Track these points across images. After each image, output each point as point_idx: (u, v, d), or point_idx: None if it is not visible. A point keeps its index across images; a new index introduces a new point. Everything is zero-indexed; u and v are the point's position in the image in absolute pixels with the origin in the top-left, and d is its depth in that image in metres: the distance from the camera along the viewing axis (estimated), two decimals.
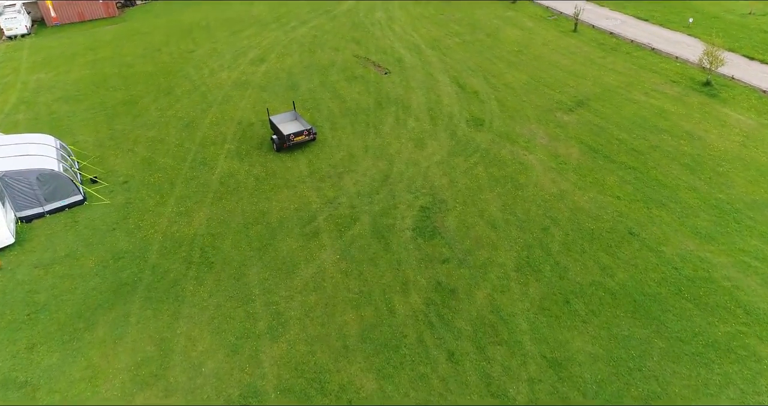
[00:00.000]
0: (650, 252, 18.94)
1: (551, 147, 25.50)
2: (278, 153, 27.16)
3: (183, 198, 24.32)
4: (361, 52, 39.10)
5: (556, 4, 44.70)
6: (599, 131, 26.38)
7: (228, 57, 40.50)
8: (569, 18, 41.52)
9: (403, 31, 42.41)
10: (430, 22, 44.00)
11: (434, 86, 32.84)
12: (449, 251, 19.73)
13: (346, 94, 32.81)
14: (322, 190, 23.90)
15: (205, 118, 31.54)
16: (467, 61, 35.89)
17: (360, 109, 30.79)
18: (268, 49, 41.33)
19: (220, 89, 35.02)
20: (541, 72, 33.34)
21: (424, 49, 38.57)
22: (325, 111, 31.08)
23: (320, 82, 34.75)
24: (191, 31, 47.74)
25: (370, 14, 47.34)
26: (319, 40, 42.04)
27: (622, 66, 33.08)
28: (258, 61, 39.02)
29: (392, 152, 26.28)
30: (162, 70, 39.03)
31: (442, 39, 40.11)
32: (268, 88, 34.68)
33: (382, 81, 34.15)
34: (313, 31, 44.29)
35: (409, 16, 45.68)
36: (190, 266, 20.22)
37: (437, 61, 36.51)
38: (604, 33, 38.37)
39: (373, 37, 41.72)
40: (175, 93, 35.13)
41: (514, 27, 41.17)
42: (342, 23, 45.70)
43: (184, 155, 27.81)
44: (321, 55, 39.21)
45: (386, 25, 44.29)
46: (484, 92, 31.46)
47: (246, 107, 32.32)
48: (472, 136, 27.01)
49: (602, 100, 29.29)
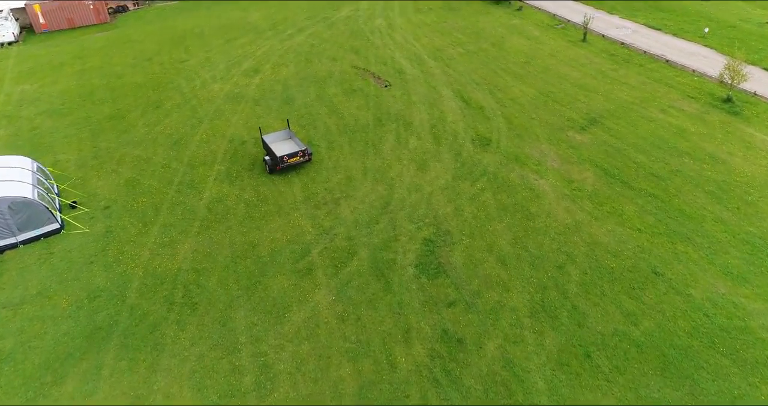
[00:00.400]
0: (677, 296, 17.18)
1: (564, 171, 23.74)
2: (271, 175, 25.41)
3: (167, 227, 22.56)
4: (360, 62, 37.36)
5: (564, 12, 42.96)
6: (615, 153, 24.61)
7: (221, 67, 38.76)
8: (578, 27, 39.78)
9: (404, 40, 40.67)
10: (432, 30, 42.27)
11: (437, 101, 31.09)
12: (456, 292, 17.97)
13: (344, 109, 31.06)
14: (317, 219, 22.14)
15: (194, 135, 29.79)
16: (471, 73, 34.13)
17: (359, 126, 29.04)
18: (263, 58, 39.58)
19: (211, 103, 33.27)
20: (549, 85, 31.58)
21: (426, 60, 36.83)
22: (321, 128, 29.32)
23: (317, 96, 33.01)
24: (184, 38, 46.01)
25: (369, 22, 45.61)
26: (317, 50, 40.30)
27: (635, 79, 31.31)
28: (252, 72, 37.27)
29: (393, 175, 24.52)
30: (152, 82, 37.28)
31: (444, 49, 38.37)
32: (262, 101, 32.93)
33: (382, 95, 32.41)
34: (311, 40, 42.55)
35: (411, 24, 43.95)
36: (171, 308, 18.46)
37: (440, 72, 34.75)
38: (614, 43, 36.61)
39: (373, 47, 39.98)
40: (164, 107, 33.38)
41: (520, 36, 39.42)
42: (340, 31, 43.96)
43: (171, 177, 26.06)
44: (318, 65, 37.46)
45: (386, 33, 42.56)
46: (490, 108, 29.70)
47: (238, 123, 30.58)
48: (479, 157, 25.25)
49: (616, 117, 27.52)
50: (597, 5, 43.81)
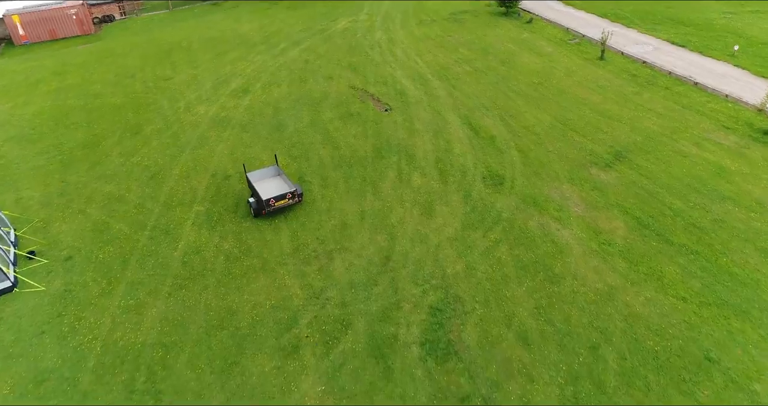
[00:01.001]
0: (739, 392, 14.22)
1: (589, 218, 20.77)
2: (256, 219, 22.46)
3: (135, 285, 19.60)
4: (359, 82, 34.41)
5: (578, 25, 39.99)
6: (647, 197, 21.63)
7: (208, 86, 35.82)
8: (594, 42, 36.82)
9: (406, 57, 37.72)
10: (436, 45, 39.31)
11: (443, 128, 28.14)
12: (469, 381, 15.00)
13: (340, 137, 28.11)
14: (306, 278, 19.17)
15: (174, 167, 26.84)
16: (480, 96, 31.17)
17: (356, 159, 26.08)
18: (254, 76, 36.64)
19: (195, 128, 30.33)
20: (566, 111, 28.62)
21: (430, 80, 33.86)
22: (314, 160, 26.37)
23: (310, 121, 30.06)
24: (171, 53, 43.09)
25: (369, 35, 42.67)
26: (311, 67, 37.35)
27: (662, 105, 28.33)
28: (241, 93, 34.32)
29: (394, 222, 21.56)
30: (132, 103, 34.34)
31: (450, 67, 35.40)
32: (251, 127, 29.98)
33: (382, 120, 29.46)
34: (305, 55, 39.60)
35: (413, 38, 40.99)
36: (130, 397, 15.50)
37: (445, 94, 31.79)
38: (635, 62, 33.63)
39: (372, 64, 37.02)
40: (143, 133, 30.44)
41: (531, 53, 36.45)
42: (337, 46, 41.02)
43: (144, 220, 23.10)
44: (313, 85, 34.51)
45: (387, 48, 39.61)
46: (502, 138, 26.74)
47: (223, 153, 27.63)
48: (491, 199, 22.28)
49: (645, 152, 24.55)
50: (613, 18, 40.85)
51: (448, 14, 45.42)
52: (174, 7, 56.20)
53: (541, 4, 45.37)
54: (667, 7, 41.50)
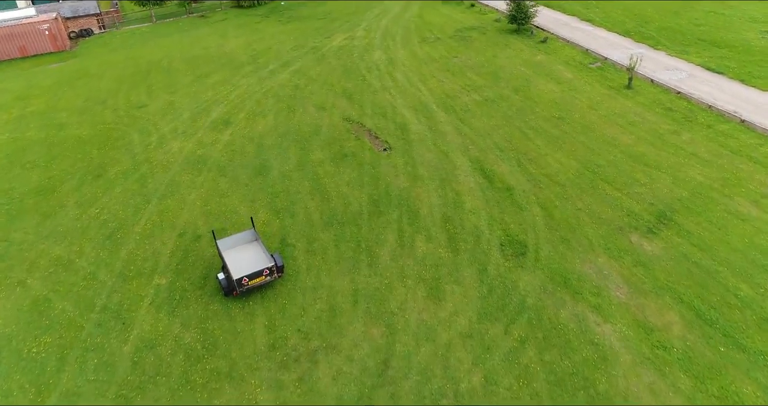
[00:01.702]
0: None
1: (636, 307, 16.82)
2: (227, 299, 18.55)
3: (69, 396, 15.66)
4: (354, 112, 30.47)
5: (598, 46, 36.03)
6: (704, 277, 17.68)
7: (185, 116, 31.89)
8: (618, 67, 32.85)
9: (408, 82, 33.76)
10: (440, 68, 35.35)
11: (451, 175, 24.20)
12: None
13: (332, 185, 24.18)
14: (283, 391, 15.22)
15: (137, 222, 22.92)
16: (492, 133, 27.22)
17: (349, 215, 22.14)
18: (237, 104, 32.70)
19: (166, 171, 26.41)
20: (594, 155, 24.67)
21: (435, 111, 29.92)
22: (301, 215, 22.44)
23: (298, 163, 26.13)
24: (149, 74, 39.17)
25: (366, 55, 38.72)
26: (302, 93, 33.41)
27: (706, 149, 24.38)
28: (222, 125, 30.39)
29: (393, 307, 17.61)
30: (99, 136, 30.43)
31: (457, 95, 31.44)
32: (230, 170, 26.05)
33: (380, 163, 25.53)
34: (296, 79, 35.65)
35: (415, 60, 37.03)
36: None
37: (452, 130, 27.85)
38: (668, 91, 29.65)
39: (370, 90, 33.07)
40: (107, 175, 26.53)
41: (548, 78, 32.48)
42: (332, 67, 37.07)
43: (94, 297, 19.17)
44: (302, 116, 30.57)
45: (386, 71, 35.66)
46: (521, 189, 22.80)
47: (195, 204, 23.69)
48: (512, 277, 18.34)
49: (693, 212, 20.59)
50: (637, 37, 36.87)
51: (454, 31, 41.46)
52: (158, 20, 52.31)
53: (555, 20, 41.45)
54: (696, 25, 37.55)
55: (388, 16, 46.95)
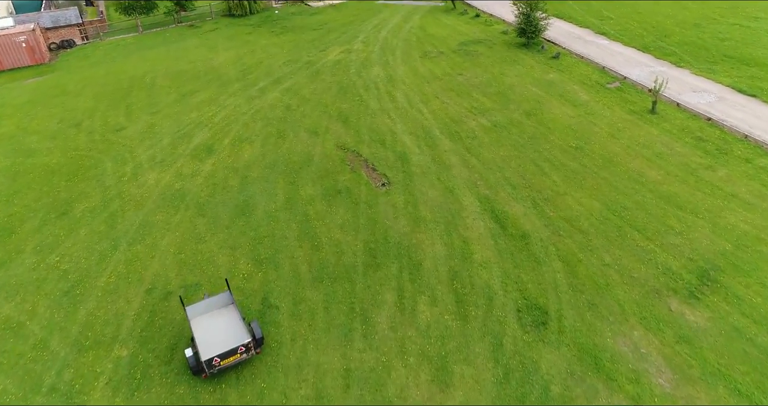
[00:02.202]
0: None
1: (683, 400, 13.99)
2: (195, 379, 15.76)
3: None
4: (350, 139, 27.68)
5: (616, 63, 33.20)
6: (763, 360, 14.85)
7: (165, 142, 29.11)
8: (639, 87, 30.02)
9: (408, 103, 30.95)
10: (444, 87, 32.51)
11: (457, 217, 21.39)
12: None
13: (323, 228, 21.38)
14: None
15: (101, 273, 20.14)
16: (503, 165, 24.41)
17: (342, 268, 19.35)
18: (223, 128, 29.92)
19: (139, 208, 23.63)
20: (619, 194, 21.85)
21: (439, 138, 27.11)
22: (286, 268, 19.65)
23: (286, 200, 23.34)
24: (130, 91, 36.38)
25: (364, 71, 35.90)
26: (293, 115, 30.60)
27: (747, 188, 21.54)
28: (204, 152, 27.62)
29: (392, 395, 14.79)
30: (70, 165, 27.67)
31: (463, 119, 28.62)
32: (209, 208, 23.27)
33: (378, 201, 22.74)
34: (287, 98, 32.85)
35: (416, 77, 34.21)
36: None
37: (458, 161, 25.04)
38: (697, 117, 26.81)
39: (367, 112, 30.27)
40: (73, 213, 23.77)
41: (562, 100, 29.65)
42: (326, 85, 34.26)
43: (42, 373, 16.39)
44: (293, 143, 27.78)
45: (385, 90, 32.84)
46: (538, 237, 19.99)
47: (168, 251, 20.91)
48: (532, 355, 15.52)
49: (740, 270, 17.75)
50: (657, 53, 34.01)
51: (458, 45, 38.63)
52: (145, 30, 49.52)
53: (567, 33, 38.63)
54: (721, 40, 34.69)
55: (388, 27, 44.16)
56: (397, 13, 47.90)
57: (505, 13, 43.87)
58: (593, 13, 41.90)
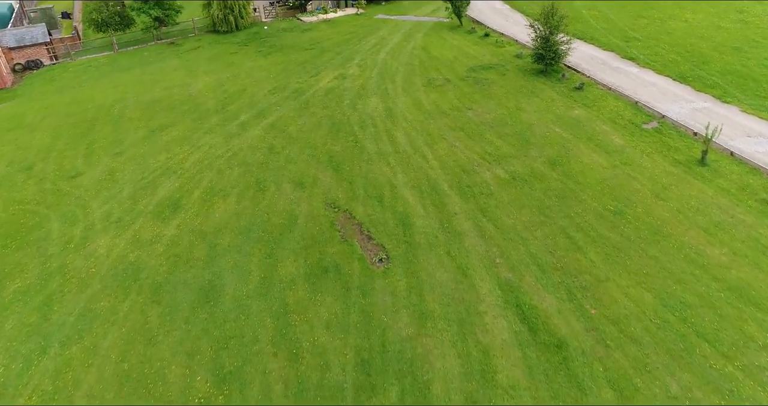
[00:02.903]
0: None
1: None
2: None
3: None
4: (341, 193, 23.31)
5: (649, 96, 28.78)
6: None
7: (125, 193, 24.75)
8: (681, 129, 25.62)
9: (411, 145, 26.56)
10: (452, 125, 28.11)
11: (473, 313, 17.00)
12: None
13: (304, 327, 17.00)
14: None
15: (19, 393, 15.76)
16: (527, 236, 20.00)
17: (326, 391, 14.97)
18: (194, 176, 25.56)
19: (82, 289, 19.29)
20: (676, 282, 17.44)
21: (447, 194, 22.72)
22: (255, 389, 15.26)
23: (261, 282, 18.98)
24: (94, 124, 32.02)
25: (360, 102, 31.51)
26: (276, 160, 26.25)
27: None
28: (169, 209, 23.25)
29: None
30: (10, 224, 23.32)
31: (475, 169, 24.24)
32: (167, 291, 18.90)
33: (374, 286, 18.36)
34: (271, 137, 28.48)
35: (420, 111, 29.80)
36: None
37: (471, 228, 20.65)
38: (758, 171, 22.34)
39: (363, 157, 25.91)
40: (2, 296, 19.38)
41: (592, 145, 25.25)
42: (317, 120, 29.88)
43: None
44: (274, 198, 23.41)
45: (384, 127, 28.46)
46: (579, 349, 15.57)
47: (108, 358, 16.54)
48: None
49: None
50: (697, 85, 29.56)
51: (466, 71, 34.21)
52: (121, 48, 45.12)
53: (590, 57, 34.21)
54: None
55: (387, 48, 39.75)
56: (397, 30, 43.50)
57: (518, 32, 39.51)
58: (617, 33, 37.48)
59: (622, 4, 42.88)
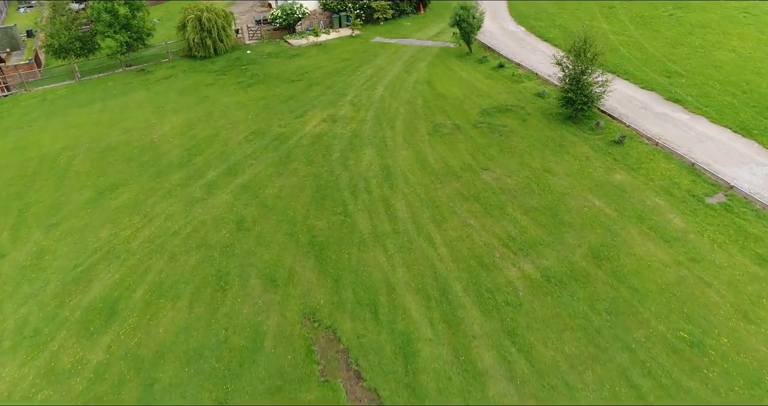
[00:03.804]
0: None
1: None
2: None
3: None
4: (323, 297, 17.95)
5: (708, 154, 23.37)
6: None
7: (50, 290, 19.43)
8: (758, 205, 20.20)
9: (414, 222, 21.13)
10: (464, 192, 22.69)
11: None
12: None
13: None
14: None
15: None
16: (575, 383, 14.57)
17: None
18: (140, 264, 20.19)
19: None
20: None
21: (462, 304, 17.32)
22: None
23: None
24: (33, 182, 26.68)
25: (352, 155, 26.12)
26: (245, 242, 20.87)
27: None
28: (101, 319, 17.92)
29: None
30: None
31: (496, 263, 18.79)
32: None
33: None
34: (241, 205, 23.12)
35: (424, 170, 24.40)
36: None
37: (496, 364, 15.24)
38: None
39: (353, 239, 20.51)
40: None
41: (644, 228, 19.81)
42: (299, 180, 24.51)
43: None
44: (236, 303, 18.04)
45: (380, 195, 23.07)
46: None
47: None
48: None
49: None
50: (766, 141, 24.10)
51: (480, 114, 28.80)
52: (84, 76, 39.73)
53: (627, 98, 28.73)
54: None
55: (385, 81, 34.31)
56: (397, 57, 38.05)
57: (536, 61, 34.11)
58: (655, 65, 32.03)
59: (654, 28, 37.48)
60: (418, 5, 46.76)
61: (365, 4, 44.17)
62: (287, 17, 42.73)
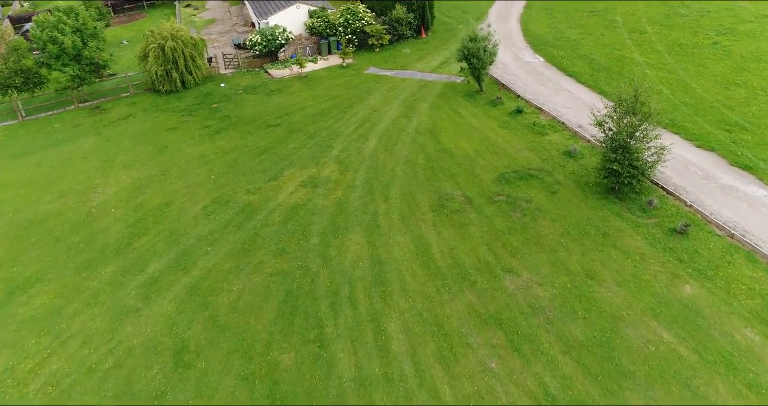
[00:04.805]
0: None
1: None
2: None
3: None
4: None
5: None
6: None
7: None
8: None
9: (413, 365, 15.34)
10: (480, 311, 16.85)
11: None
12: None
13: None
14: None
15: None
16: None
17: None
18: None
19: None
20: None
21: None
22: None
23: None
24: None
25: (334, 242, 20.36)
26: (182, 388, 15.13)
27: None
28: None
29: None
30: None
31: None
32: None
33: None
34: (186, 321, 17.47)
35: (427, 273, 18.58)
36: None
37: None
38: None
39: (328, 390, 14.80)
40: None
41: (737, 384, 14.04)
42: (264, 279, 18.81)
43: None
44: None
45: (368, 312, 17.29)
46: None
47: None
48: None
49: None
50: None
51: (496, 179, 23.03)
52: (30, 114, 33.96)
53: (683, 163, 22.80)
54: None
55: (380, 128, 28.51)
56: (394, 95, 32.16)
57: (561, 104, 28.37)
58: (708, 114, 26.19)
59: (698, 62, 31.67)
60: (420, 28, 40.93)
61: (358, 28, 38.31)
62: (268, 44, 36.90)
